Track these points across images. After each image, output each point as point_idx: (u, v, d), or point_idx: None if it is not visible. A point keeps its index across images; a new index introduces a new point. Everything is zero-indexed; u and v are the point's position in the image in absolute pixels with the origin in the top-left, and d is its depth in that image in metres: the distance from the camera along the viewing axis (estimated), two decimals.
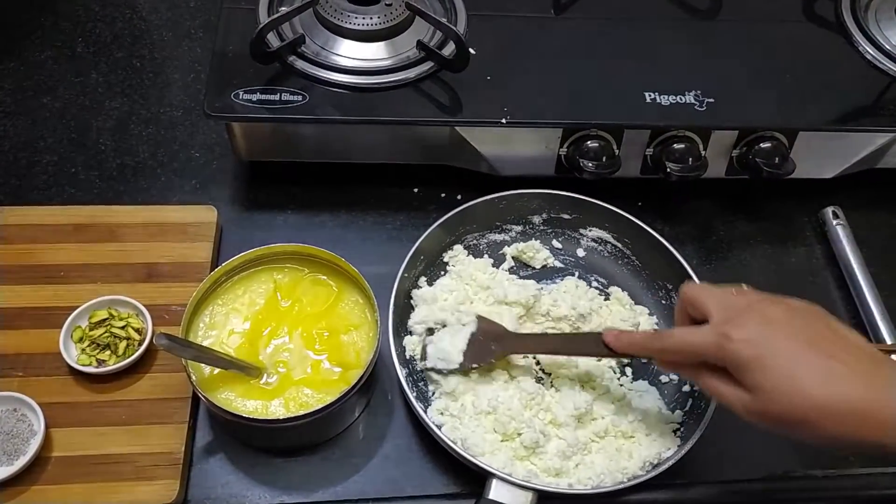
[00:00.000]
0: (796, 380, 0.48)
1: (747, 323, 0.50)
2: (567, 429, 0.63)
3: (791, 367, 0.48)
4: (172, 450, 0.63)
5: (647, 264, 0.74)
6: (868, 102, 0.79)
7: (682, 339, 0.54)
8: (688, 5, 0.88)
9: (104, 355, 0.66)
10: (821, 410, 0.47)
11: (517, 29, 0.82)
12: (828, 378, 0.47)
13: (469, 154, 0.77)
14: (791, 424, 0.48)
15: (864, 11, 0.87)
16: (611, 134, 0.75)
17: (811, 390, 0.47)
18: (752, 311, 0.51)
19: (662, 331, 0.56)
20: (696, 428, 0.62)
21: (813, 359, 0.48)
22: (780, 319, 0.50)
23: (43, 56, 0.92)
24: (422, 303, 0.70)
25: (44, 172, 0.81)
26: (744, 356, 0.49)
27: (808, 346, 0.49)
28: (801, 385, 0.47)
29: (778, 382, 0.48)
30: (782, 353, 0.48)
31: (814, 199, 0.83)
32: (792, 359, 0.48)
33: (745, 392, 0.50)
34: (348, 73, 0.75)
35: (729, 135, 0.77)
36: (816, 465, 0.67)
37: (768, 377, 0.48)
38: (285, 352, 0.65)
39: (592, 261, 0.77)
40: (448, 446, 0.61)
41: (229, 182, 0.82)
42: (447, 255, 0.74)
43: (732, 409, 0.51)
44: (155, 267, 0.72)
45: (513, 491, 0.58)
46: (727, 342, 0.50)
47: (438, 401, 0.66)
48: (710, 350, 0.51)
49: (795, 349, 0.48)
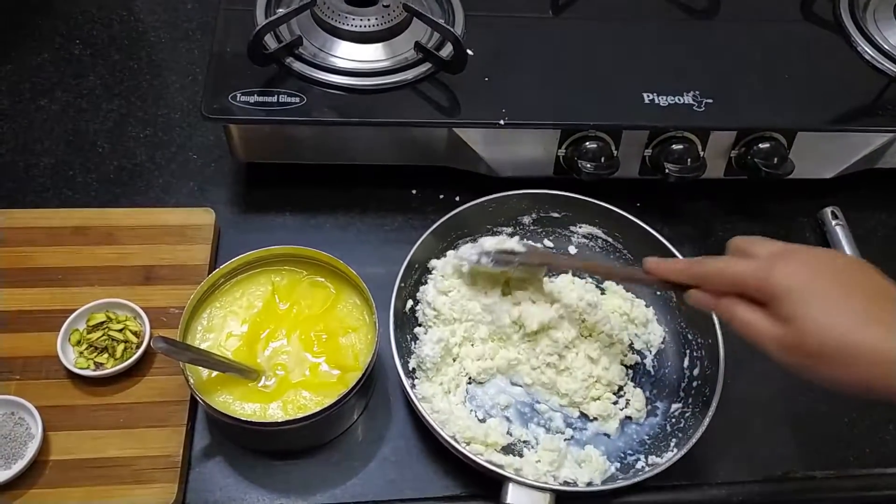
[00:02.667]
0: (834, 315, 0.47)
1: (794, 259, 0.50)
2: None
3: (830, 302, 0.48)
4: (170, 453, 0.62)
5: (639, 256, 0.74)
6: (867, 102, 0.79)
7: (726, 265, 0.54)
8: (686, 6, 0.87)
9: (102, 358, 0.66)
10: (854, 348, 0.46)
11: (515, 30, 0.82)
12: (866, 319, 0.47)
13: (467, 155, 0.77)
14: (821, 359, 0.47)
15: (862, 11, 0.87)
16: (609, 135, 0.75)
17: (847, 327, 0.47)
18: (801, 251, 0.52)
19: (706, 258, 0.56)
20: (696, 429, 0.62)
21: (854, 300, 0.48)
22: (827, 262, 0.51)
23: (40, 59, 0.91)
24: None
25: (41, 175, 0.81)
26: (785, 285, 0.49)
27: (850, 288, 0.49)
28: (838, 320, 0.47)
29: (816, 314, 0.47)
30: (824, 289, 0.48)
31: (813, 200, 0.83)
32: (832, 295, 0.48)
33: (778, 325, 0.49)
34: (346, 75, 0.75)
35: (727, 135, 0.77)
36: (816, 466, 0.67)
37: (806, 308, 0.48)
38: (283, 354, 0.65)
39: (585, 257, 0.77)
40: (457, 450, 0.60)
41: (227, 184, 0.82)
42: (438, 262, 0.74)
43: (762, 342, 0.50)
44: (153, 269, 0.72)
45: (530, 493, 0.58)
46: (771, 271, 0.50)
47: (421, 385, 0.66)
48: (753, 278, 0.51)
49: (838, 287, 0.49)
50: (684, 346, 0.71)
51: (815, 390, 0.71)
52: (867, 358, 0.46)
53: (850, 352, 0.47)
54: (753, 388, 0.71)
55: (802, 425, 0.70)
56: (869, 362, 0.46)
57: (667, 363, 0.71)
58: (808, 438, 0.69)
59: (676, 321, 0.72)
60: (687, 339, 0.71)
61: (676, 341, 0.72)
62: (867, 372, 0.46)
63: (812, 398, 0.71)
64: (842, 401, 0.71)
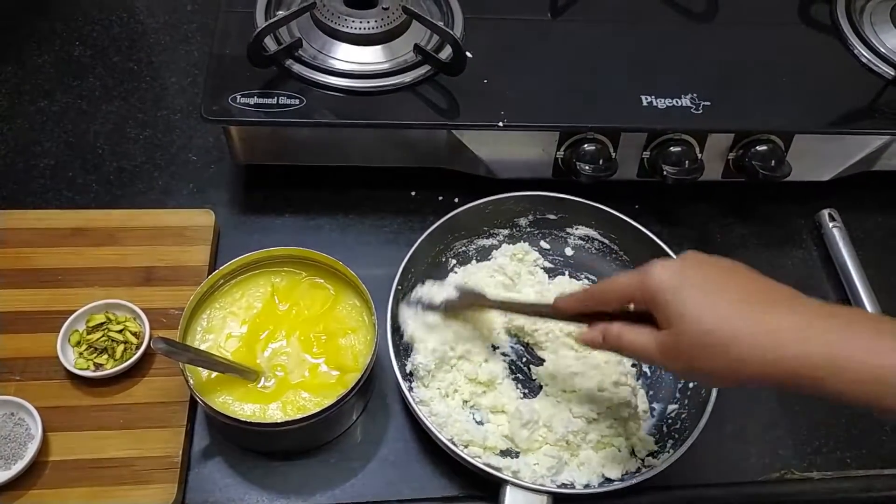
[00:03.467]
0: (708, 306, 0.48)
1: (668, 262, 0.52)
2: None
3: (704, 294, 0.49)
4: (170, 454, 0.63)
5: (635, 258, 0.75)
6: (864, 105, 0.79)
7: (611, 281, 0.55)
8: (684, 8, 0.88)
9: (102, 359, 0.66)
10: (731, 334, 0.47)
11: (514, 32, 0.83)
12: (742, 306, 0.48)
13: (466, 157, 0.78)
14: (701, 352, 0.48)
15: (859, 15, 0.87)
16: (607, 137, 0.76)
17: (723, 314, 0.48)
18: (677, 257, 0.54)
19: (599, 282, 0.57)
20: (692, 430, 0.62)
21: (732, 292, 0.49)
22: (702, 260, 0.52)
23: (40, 60, 0.92)
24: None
25: (41, 176, 0.81)
26: (658, 285, 0.50)
27: (725, 281, 0.50)
28: (713, 310, 0.48)
29: (691, 308, 0.48)
30: (697, 283, 0.49)
31: (810, 202, 0.83)
32: (706, 287, 0.49)
33: (661, 332, 0.50)
34: (345, 77, 0.76)
35: (725, 137, 0.77)
36: (814, 467, 0.68)
37: (682, 305, 0.49)
38: (283, 355, 0.65)
39: (581, 259, 0.77)
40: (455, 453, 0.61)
41: (227, 186, 0.82)
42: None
43: (649, 354, 0.51)
44: (152, 271, 0.72)
45: (527, 496, 0.58)
46: (645, 275, 0.51)
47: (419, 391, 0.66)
48: (633, 286, 0.52)
49: (711, 281, 0.50)
50: None
51: None
52: (746, 341, 0.47)
53: (726, 339, 0.47)
54: (751, 391, 0.71)
55: (800, 427, 0.70)
56: (750, 345, 0.47)
57: None
58: (805, 440, 0.69)
59: None
60: None
61: None
62: (745, 355, 0.47)
63: (809, 400, 0.71)
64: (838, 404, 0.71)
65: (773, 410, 0.70)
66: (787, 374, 0.46)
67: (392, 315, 0.67)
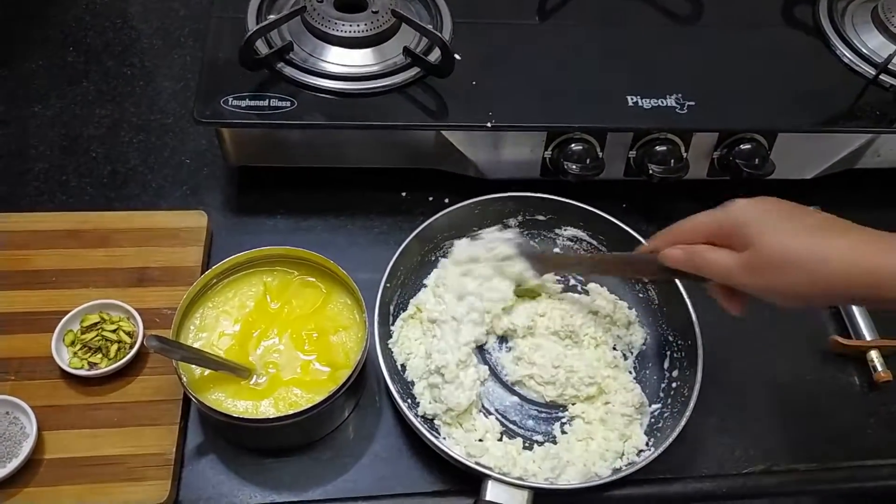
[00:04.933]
0: (791, 231, 0.53)
1: (747, 200, 0.57)
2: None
3: (786, 223, 0.53)
4: (164, 451, 0.63)
5: None
6: (845, 104, 0.80)
7: (689, 221, 0.60)
8: (669, 11, 0.89)
9: (96, 358, 0.67)
10: (820, 252, 0.51)
11: (502, 35, 0.84)
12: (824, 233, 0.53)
13: (456, 158, 0.79)
14: (785, 268, 0.52)
15: (841, 16, 0.88)
16: (594, 137, 0.77)
17: (802, 238, 0.52)
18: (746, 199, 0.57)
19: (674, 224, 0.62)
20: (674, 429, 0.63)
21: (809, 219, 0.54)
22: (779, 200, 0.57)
23: (34, 65, 0.93)
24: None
25: (35, 180, 0.82)
26: (746, 215, 0.55)
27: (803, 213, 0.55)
28: (797, 235, 0.52)
29: (773, 231, 0.53)
30: (778, 216, 0.54)
31: (794, 200, 0.83)
32: (788, 216, 0.54)
33: (742, 253, 0.54)
34: (336, 79, 0.77)
35: (709, 137, 0.78)
36: (799, 459, 0.69)
37: (764, 229, 0.53)
38: (275, 353, 0.66)
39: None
40: (439, 449, 0.61)
41: (219, 187, 0.83)
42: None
43: (729, 272, 0.55)
44: (146, 271, 0.73)
45: (509, 490, 0.59)
46: (727, 210, 0.56)
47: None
48: (713, 221, 0.57)
49: (791, 212, 0.55)
50: (665, 347, 0.72)
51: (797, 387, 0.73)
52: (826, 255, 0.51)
53: (806, 254, 0.52)
54: (735, 386, 0.72)
55: (784, 420, 0.71)
56: (830, 259, 0.51)
57: (647, 364, 0.72)
58: (790, 433, 0.70)
59: (658, 323, 0.74)
60: (668, 341, 0.72)
61: (657, 343, 0.73)
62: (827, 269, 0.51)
63: (793, 394, 0.73)
64: (823, 396, 0.73)
65: (757, 404, 0.72)
66: (865, 283, 0.50)
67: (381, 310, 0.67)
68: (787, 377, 0.73)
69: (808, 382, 0.73)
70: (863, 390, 0.73)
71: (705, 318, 0.69)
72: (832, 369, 0.74)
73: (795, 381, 0.73)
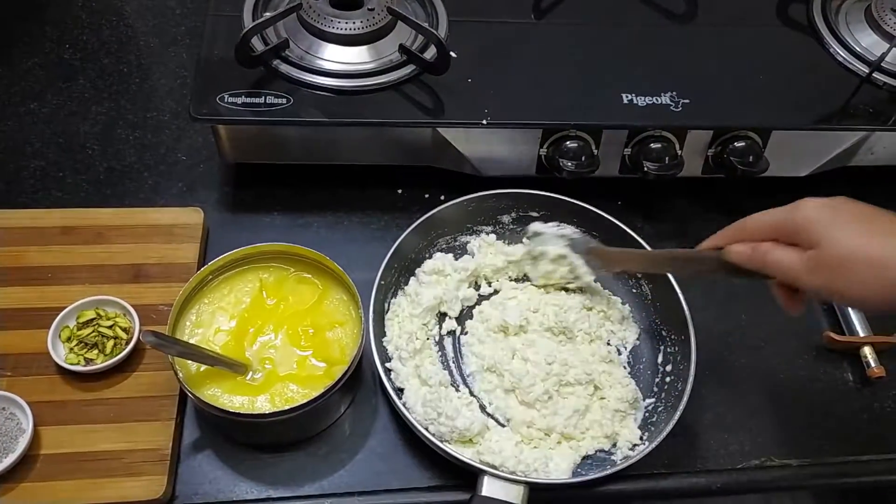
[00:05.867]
0: (858, 234, 0.52)
1: (817, 200, 0.55)
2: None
3: (854, 225, 0.52)
4: (160, 446, 0.64)
5: None
6: (839, 102, 0.81)
7: (760, 214, 0.59)
8: (664, 9, 0.89)
9: (92, 354, 0.67)
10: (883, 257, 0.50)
11: (497, 33, 0.84)
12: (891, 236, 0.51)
13: (451, 155, 0.79)
14: (848, 269, 0.51)
15: (834, 15, 0.89)
16: (589, 134, 0.77)
17: (872, 240, 0.51)
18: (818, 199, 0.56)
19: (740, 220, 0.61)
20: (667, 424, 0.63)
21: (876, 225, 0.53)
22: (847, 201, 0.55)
23: (30, 63, 0.93)
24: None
25: (31, 177, 0.82)
26: (810, 217, 0.54)
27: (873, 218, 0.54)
28: (864, 237, 0.52)
29: (840, 233, 0.52)
30: (847, 218, 0.53)
31: (788, 197, 0.83)
32: (855, 220, 0.53)
33: (807, 252, 0.53)
34: (332, 77, 0.77)
35: (704, 134, 0.79)
36: (792, 455, 0.69)
37: (831, 230, 0.52)
38: (271, 349, 0.66)
39: None
40: (435, 444, 0.62)
41: (216, 184, 0.83)
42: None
43: (793, 271, 0.54)
44: (142, 268, 0.73)
45: (505, 486, 0.60)
46: (797, 208, 0.55)
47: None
48: (782, 218, 0.56)
49: (859, 217, 0.54)
50: (658, 342, 0.73)
51: (790, 383, 0.73)
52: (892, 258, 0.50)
53: (878, 261, 0.50)
54: (729, 381, 0.73)
55: (778, 415, 0.71)
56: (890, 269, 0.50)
57: (641, 359, 0.72)
58: (783, 428, 0.71)
59: (651, 318, 0.74)
60: (661, 336, 0.73)
61: (651, 338, 0.73)
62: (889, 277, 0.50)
63: (787, 389, 0.73)
64: (817, 392, 0.73)
65: (751, 399, 0.72)
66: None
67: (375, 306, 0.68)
68: (780, 373, 0.74)
69: (802, 378, 0.74)
70: (856, 386, 0.74)
71: (699, 313, 0.69)
72: (826, 365, 0.75)
73: (789, 376, 0.74)
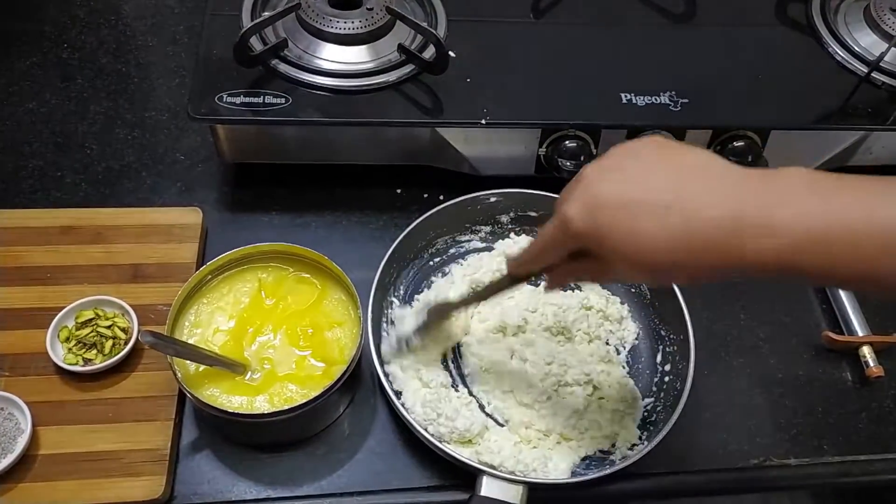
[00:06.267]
0: (637, 235, 0.44)
1: (573, 194, 0.47)
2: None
3: (628, 224, 0.45)
4: (159, 446, 0.63)
5: None
6: (838, 102, 0.81)
7: (540, 243, 0.52)
8: (663, 9, 0.89)
9: (91, 354, 0.67)
10: (669, 253, 0.44)
11: (496, 33, 0.84)
12: (664, 218, 0.44)
13: (450, 155, 0.79)
14: (652, 273, 0.46)
15: (833, 14, 0.89)
16: (588, 134, 0.77)
17: (652, 239, 0.44)
18: (577, 180, 0.48)
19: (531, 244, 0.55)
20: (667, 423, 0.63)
21: (647, 202, 0.44)
22: (605, 173, 0.47)
23: (28, 62, 0.92)
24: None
25: (30, 177, 0.82)
26: (583, 231, 0.46)
27: (639, 191, 0.45)
28: (642, 240, 0.44)
29: (622, 244, 0.45)
30: (614, 213, 0.45)
31: None
32: (625, 215, 0.45)
33: (597, 260, 0.48)
34: (331, 76, 0.77)
35: (703, 134, 0.79)
36: (791, 454, 0.69)
37: (613, 242, 0.45)
38: (270, 349, 0.66)
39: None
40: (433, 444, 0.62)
41: (214, 184, 0.83)
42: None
43: (601, 281, 0.52)
44: (140, 268, 0.73)
45: (504, 486, 0.60)
46: (568, 224, 0.47)
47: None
48: (560, 237, 0.49)
49: (626, 201, 0.45)
50: (657, 342, 0.73)
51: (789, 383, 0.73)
52: (685, 253, 0.43)
53: (667, 260, 0.44)
54: (728, 381, 0.73)
55: (777, 415, 0.71)
56: (689, 254, 0.43)
57: (640, 359, 0.72)
58: (782, 427, 0.71)
59: (650, 318, 0.74)
60: (660, 336, 0.73)
61: (650, 337, 0.73)
62: (694, 260, 0.44)
63: (786, 389, 0.73)
64: (816, 391, 0.73)
65: (750, 399, 0.72)
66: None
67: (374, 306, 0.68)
68: (779, 372, 0.74)
69: (801, 378, 0.74)
70: (855, 386, 0.74)
71: (697, 312, 0.70)
72: (824, 365, 0.75)
73: (788, 376, 0.74)
